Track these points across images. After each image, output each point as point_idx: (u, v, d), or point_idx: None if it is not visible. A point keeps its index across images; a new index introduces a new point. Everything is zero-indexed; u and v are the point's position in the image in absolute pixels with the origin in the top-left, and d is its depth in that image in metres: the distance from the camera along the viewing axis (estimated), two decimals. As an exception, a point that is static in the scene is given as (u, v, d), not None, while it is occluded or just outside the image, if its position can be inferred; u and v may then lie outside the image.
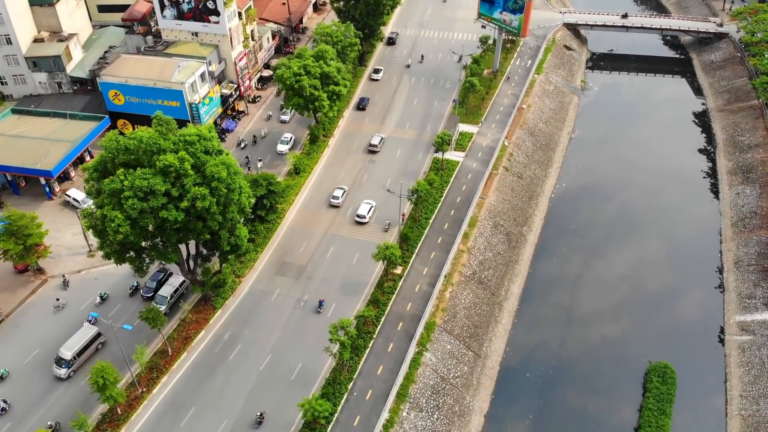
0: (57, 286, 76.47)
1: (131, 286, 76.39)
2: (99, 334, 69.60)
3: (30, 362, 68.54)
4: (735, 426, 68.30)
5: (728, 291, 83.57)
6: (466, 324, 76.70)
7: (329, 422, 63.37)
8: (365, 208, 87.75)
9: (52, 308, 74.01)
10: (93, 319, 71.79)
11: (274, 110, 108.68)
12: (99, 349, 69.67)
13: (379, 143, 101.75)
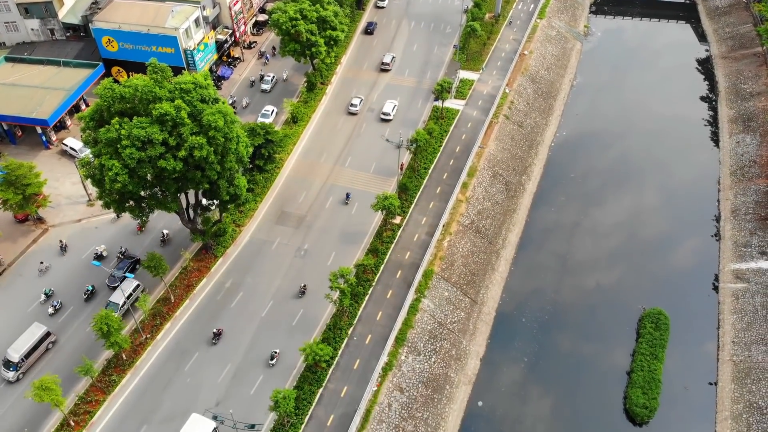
0: (55, 252, 74.88)
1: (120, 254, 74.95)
2: (48, 333, 65.16)
3: (33, 310, 69.66)
4: (726, 371, 70.04)
5: (724, 239, 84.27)
6: (464, 272, 77.69)
7: (330, 365, 65.07)
8: (390, 106, 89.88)
9: (37, 271, 72.74)
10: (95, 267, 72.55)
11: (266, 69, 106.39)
12: (49, 348, 65.29)
13: (390, 61, 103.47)
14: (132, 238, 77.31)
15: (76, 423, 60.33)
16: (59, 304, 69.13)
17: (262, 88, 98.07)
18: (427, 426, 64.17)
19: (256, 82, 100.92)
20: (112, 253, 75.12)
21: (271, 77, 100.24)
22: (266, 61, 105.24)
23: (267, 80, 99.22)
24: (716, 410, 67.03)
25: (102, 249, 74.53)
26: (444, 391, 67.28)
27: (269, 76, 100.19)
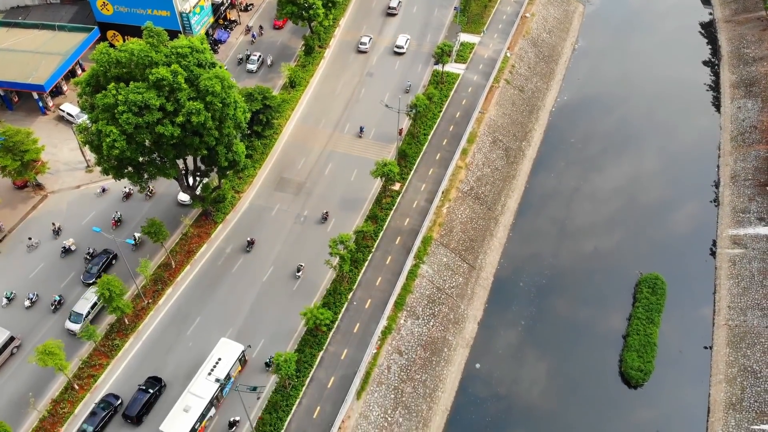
0: (48, 236, 73.33)
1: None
2: (12, 338, 62.75)
3: (35, 276, 70.20)
4: (721, 335, 70.97)
5: (723, 205, 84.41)
6: (462, 238, 78.06)
7: (330, 329, 65.94)
8: (403, 39, 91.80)
9: (25, 248, 71.91)
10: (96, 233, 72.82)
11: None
12: (14, 353, 63.04)
13: (397, 6, 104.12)
14: (121, 204, 77.44)
15: (81, 386, 61.42)
16: None
17: (248, 68, 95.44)
18: (426, 387, 65.37)
19: (243, 61, 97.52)
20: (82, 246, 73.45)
21: (257, 57, 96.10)
22: (253, 39, 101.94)
23: (253, 60, 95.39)
24: (711, 374, 68.16)
25: (70, 243, 71.68)
26: (442, 353, 68.33)
27: (255, 56, 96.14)
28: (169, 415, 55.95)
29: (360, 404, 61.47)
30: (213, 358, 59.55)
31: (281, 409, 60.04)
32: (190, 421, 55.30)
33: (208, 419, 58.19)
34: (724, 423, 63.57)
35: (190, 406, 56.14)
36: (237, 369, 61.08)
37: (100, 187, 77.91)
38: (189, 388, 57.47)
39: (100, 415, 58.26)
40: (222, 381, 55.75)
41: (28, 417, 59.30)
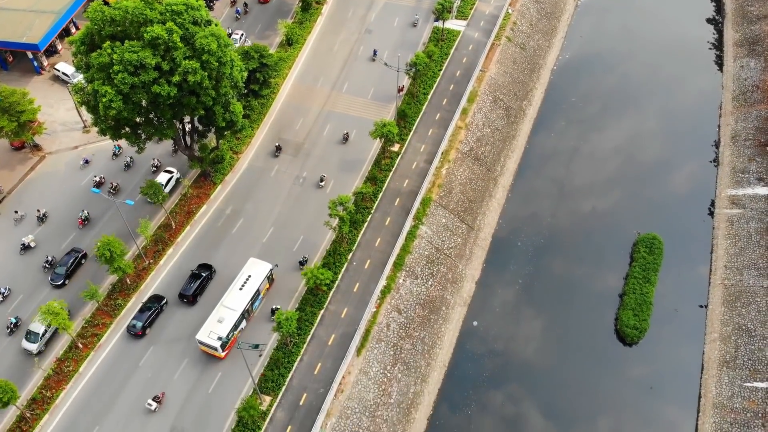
0: (32, 223, 71.82)
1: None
2: None
3: (36, 237, 70.51)
4: (717, 294, 71.75)
5: (722, 165, 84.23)
6: (461, 199, 78.15)
7: (331, 289, 66.66)
8: None
9: (12, 221, 71.56)
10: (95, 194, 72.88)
11: None
12: None
13: None
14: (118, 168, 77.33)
15: (84, 345, 62.42)
16: None
17: None
18: (424, 344, 66.49)
19: None
20: (112, 174, 75.12)
21: (239, 35, 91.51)
22: (237, 15, 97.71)
23: (235, 39, 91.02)
24: (705, 332, 69.16)
25: (43, 212, 70.89)
26: (440, 312, 69.25)
27: (237, 35, 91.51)
28: (204, 326, 60.30)
29: (360, 360, 62.63)
30: (243, 275, 63.37)
31: (283, 365, 61.21)
32: (224, 330, 59.62)
33: (240, 330, 62.01)
34: (717, 380, 64.82)
35: (224, 317, 60.46)
36: (265, 286, 64.98)
37: (83, 158, 76.80)
38: (222, 302, 61.56)
39: (147, 312, 63.10)
40: (251, 346, 57.09)
41: (33, 376, 60.43)
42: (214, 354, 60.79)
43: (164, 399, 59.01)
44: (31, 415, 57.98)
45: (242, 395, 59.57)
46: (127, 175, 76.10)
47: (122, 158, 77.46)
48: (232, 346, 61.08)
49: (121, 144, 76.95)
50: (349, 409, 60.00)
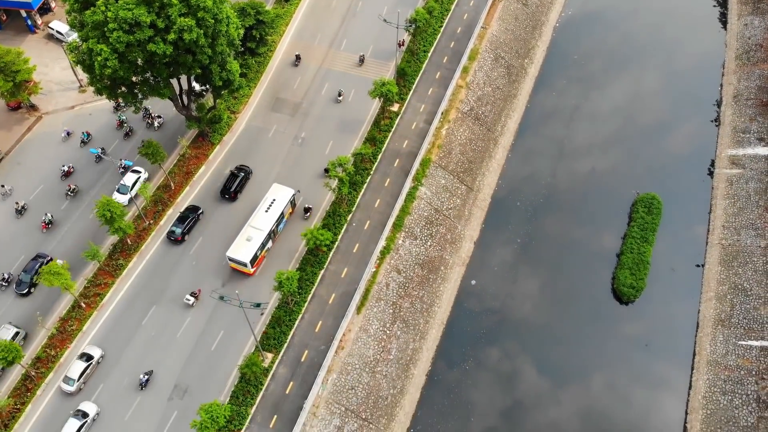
0: (51, 140, 72.65)
1: None
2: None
3: (36, 196, 70.54)
4: (714, 254, 72.26)
5: (723, 125, 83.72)
6: (461, 160, 77.89)
7: (331, 249, 67.07)
8: None
9: None
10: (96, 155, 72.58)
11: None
12: None
13: None
14: (127, 125, 76.82)
15: (87, 305, 63.10)
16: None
17: None
18: (423, 303, 67.29)
19: None
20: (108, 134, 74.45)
21: None
22: None
23: None
24: (701, 291, 69.91)
25: (22, 204, 68.73)
26: (439, 271, 69.84)
27: None
28: (233, 244, 63.71)
29: (360, 319, 63.48)
30: (268, 199, 66.62)
31: (284, 323, 62.07)
32: (252, 248, 63.32)
33: (267, 250, 65.74)
34: (712, 338, 65.86)
35: (252, 236, 63.84)
36: (289, 210, 68.20)
37: (65, 131, 74.94)
38: (250, 222, 64.93)
39: (186, 221, 67.21)
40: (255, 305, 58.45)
41: (37, 335, 61.26)
42: (243, 270, 64.37)
43: (200, 295, 63.44)
44: (36, 374, 59.01)
45: (244, 353, 60.56)
46: (121, 135, 75.61)
47: (113, 123, 76.50)
48: (260, 264, 65.23)
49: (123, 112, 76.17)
50: (350, 365, 61.12)
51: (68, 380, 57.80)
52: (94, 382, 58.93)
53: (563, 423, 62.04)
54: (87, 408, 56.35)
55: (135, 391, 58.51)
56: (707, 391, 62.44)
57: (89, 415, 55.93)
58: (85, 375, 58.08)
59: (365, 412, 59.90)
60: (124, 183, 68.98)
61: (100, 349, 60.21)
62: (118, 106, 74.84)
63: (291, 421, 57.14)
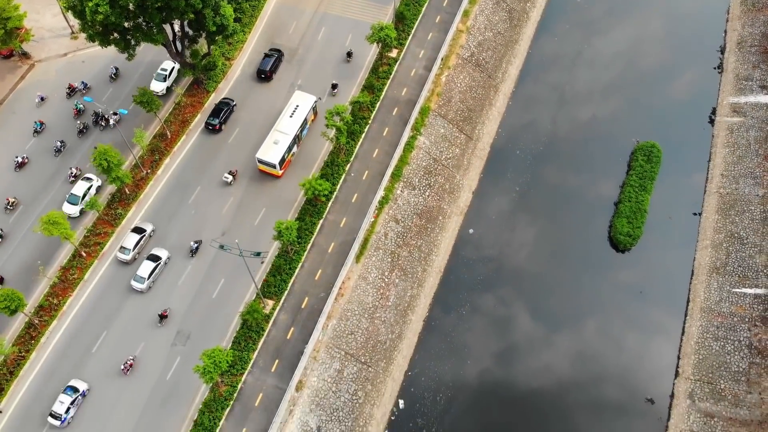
0: (45, 88, 71.77)
1: None
2: None
3: (32, 146, 70.02)
4: (712, 202, 72.40)
5: (726, 72, 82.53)
6: (461, 108, 77.02)
7: (329, 199, 67.09)
8: None
9: None
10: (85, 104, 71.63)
11: None
12: None
13: None
14: (121, 72, 75.54)
15: (88, 254, 63.51)
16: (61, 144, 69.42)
17: None
18: (421, 252, 67.84)
19: None
20: (103, 81, 73.21)
21: None
22: None
23: None
24: (697, 239, 70.39)
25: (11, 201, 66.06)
26: (437, 221, 70.12)
27: None
28: (262, 147, 66.83)
29: (359, 267, 64.10)
30: (292, 105, 69.29)
31: (285, 272, 62.70)
32: (280, 150, 66.43)
33: (293, 154, 68.80)
34: (706, 286, 66.72)
35: (279, 140, 66.83)
36: (311, 117, 70.77)
37: (38, 95, 72.64)
38: (276, 127, 67.84)
39: (221, 112, 71.25)
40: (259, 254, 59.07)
41: (39, 284, 61.89)
42: (271, 172, 67.66)
43: (238, 175, 67.68)
44: (39, 322, 59.90)
45: (245, 300, 61.40)
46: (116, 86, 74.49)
47: (107, 71, 75.16)
48: (287, 166, 68.43)
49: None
50: (349, 312, 62.11)
51: (124, 250, 62.34)
52: (101, 323, 59.84)
53: (557, 366, 63.54)
54: (78, 384, 56.74)
55: (152, 327, 59.68)
56: (700, 337, 63.71)
57: (80, 391, 56.30)
58: (138, 246, 62.75)
59: (364, 355, 61.23)
60: (74, 192, 65.06)
61: (151, 224, 64.08)
62: (72, 92, 72.50)
63: (293, 365, 58.50)
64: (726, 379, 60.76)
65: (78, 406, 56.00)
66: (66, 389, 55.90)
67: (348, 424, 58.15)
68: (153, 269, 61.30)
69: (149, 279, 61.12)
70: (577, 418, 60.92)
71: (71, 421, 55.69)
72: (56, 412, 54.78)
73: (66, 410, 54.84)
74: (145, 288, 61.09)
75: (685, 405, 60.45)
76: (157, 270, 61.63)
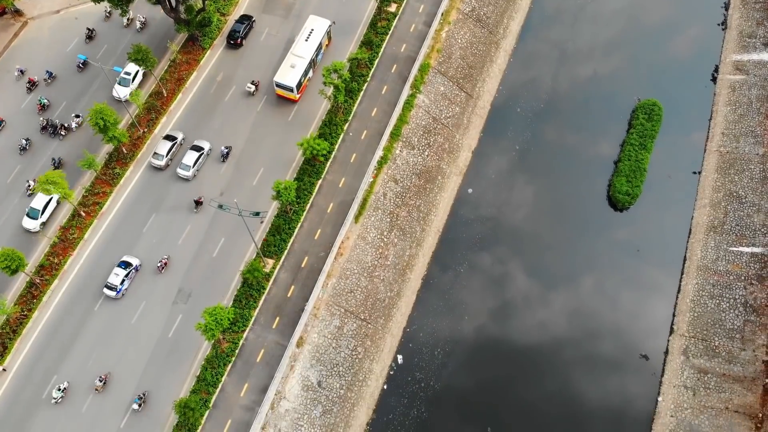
0: (37, 47, 70.21)
1: None
2: None
3: (26, 107, 69.24)
4: (711, 161, 72.21)
5: (730, 29, 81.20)
6: (461, 65, 75.96)
7: (327, 159, 66.76)
8: None
9: None
10: (81, 61, 70.53)
11: None
12: None
13: None
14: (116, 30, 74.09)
15: (87, 213, 63.50)
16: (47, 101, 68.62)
17: None
18: (419, 212, 67.93)
19: None
20: (100, 33, 72.24)
21: None
22: None
23: None
24: (696, 198, 70.44)
25: None
26: (436, 181, 69.98)
27: None
28: (279, 71, 68.01)
29: (358, 227, 64.27)
30: (307, 29, 69.83)
31: (284, 231, 62.87)
32: (297, 74, 67.59)
33: (308, 78, 69.88)
34: (703, 244, 67.10)
35: (295, 63, 67.81)
36: (326, 42, 71.93)
37: (17, 68, 70.13)
38: (292, 51, 68.82)
39: (241, 26, 72.93)
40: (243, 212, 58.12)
41: (39, 244, 62.04)
42: (289, 96, 68.88)
43: (260, 85, 69.70)
44: (41, 281, 60.28)
45: (246, 259, 61.73)
46: (113, 41, 73.23)
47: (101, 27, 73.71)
48: (304, 90, 69.71)
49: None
50: (349, 271, 62.56)
51: (158, 156, 65.32)
52: (101, 284, 60.33)
53: (553, 322, 64.43)
54: (131, 260, 59.63)
55: (153, 274, 60.37)
56: (695, 295, 64.42)
57: (133, 266, 59.67)
58: (171, 152, 65.64)
59: (364, 313, 61.97)
60: (33, 207, 61.98)
61: (182, 132, 66.48)
62: (32, 86, 69.20)
63: (293, 322, 59.26)
64: (720, 336, 61.71)
65: (131, 279, 60.11)
66: (120, 263, 59.91)
67: (348, 378, 59.24)
68: (197, 158, 65.10)
69: (194, 167, 64.96)
70: (573, 373, 62.09)
71: (125, 293, 59.74)
72: (112, 284, 59.10)
73: (121, 282, 59.15)
74: (191, 176, 65.03)
75: (679, 361, 61.56)
76: (200, 159, 65.44)
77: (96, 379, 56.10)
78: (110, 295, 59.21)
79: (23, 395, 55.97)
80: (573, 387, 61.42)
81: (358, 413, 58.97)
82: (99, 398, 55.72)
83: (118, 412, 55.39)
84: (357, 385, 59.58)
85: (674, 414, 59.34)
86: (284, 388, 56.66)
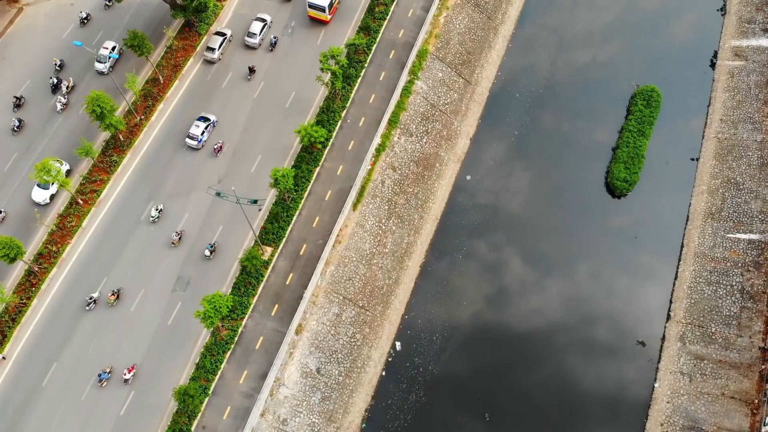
0: (32, 33, 70.33)
1: None
2: None
3: (24, 93, 68.76)
4: (710, 147, 72.14)
5: (729, 14, 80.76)
6: (460, 51, 75.53)
7: (325, 147, 66.56)
8: None
9: None
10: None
11: None
12: None
13: None
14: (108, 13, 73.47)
15: (85, 201, 63.35)
16: None
17: None
18: (418, 199, 67.92)
19: None
20: (95, 18, 71.76)
21: None
22: None
23: None
24: (694, 184, 70.44)
25: None
26: (434, 168, 69.88)
27: None
28: None
29: (356, 214, 64.26)
30: None
31: (282, 219, 62.84)
32: None
33: (339, 1, 73.78)
34: (701, 231, 67.23)
35: None
36: None
37: None
38: None
39: None
40: None
41: (37, 232, 61.98)
42: (321, 18, 72.23)
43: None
44: (39, 269, 60.25)
45: (244, 247, 61.74)
46: (108, 27, 72.61)
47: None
48: (334, 12, 73.08)
49: None
50: (347, 258, 62.66)
51: (211, 50, 70.14)
52: (100, 271, 60.30)
53: (550, 308, 64.71)
54: (209, 115, 64.04)
55: (138, 284, 60.24)
56: (692, 282, 64.68)
57: (210, 120, 64.09)
58: (222, 47, 70.38)
59: (362, 300, 62.17)
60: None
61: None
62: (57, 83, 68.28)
63: (292, 309, 59.44)
64: (717, 323, 62.06)
65: (210, 132, 65.92)
66: (198, 118, 65.88)
67: (346, 365, 59.58)
68: (262, 28, 71.08)
69: (260, 36, 70.83)
70: (570, 359, 62.49)
71: (204, 144, 65.50)
72: (193, 134, 65.04)
73: (201, 132, 65.00)
74: (257, 43, 70.89)
75: (676, 347, 61.96)
76: (265, 29, 71.37)
77: (97, 371, 56.31)
78: None
79: (23, 383, 56.18)
80: (570, 373, 61.84)
81: (357, 399, 59.38)
82: (99, 386, 55.96)
83: (118, 399, 55.67)
84: (355, 371, 59.93)
85: (671, 400, 59.83)
86: (283, 374, 56.98)
